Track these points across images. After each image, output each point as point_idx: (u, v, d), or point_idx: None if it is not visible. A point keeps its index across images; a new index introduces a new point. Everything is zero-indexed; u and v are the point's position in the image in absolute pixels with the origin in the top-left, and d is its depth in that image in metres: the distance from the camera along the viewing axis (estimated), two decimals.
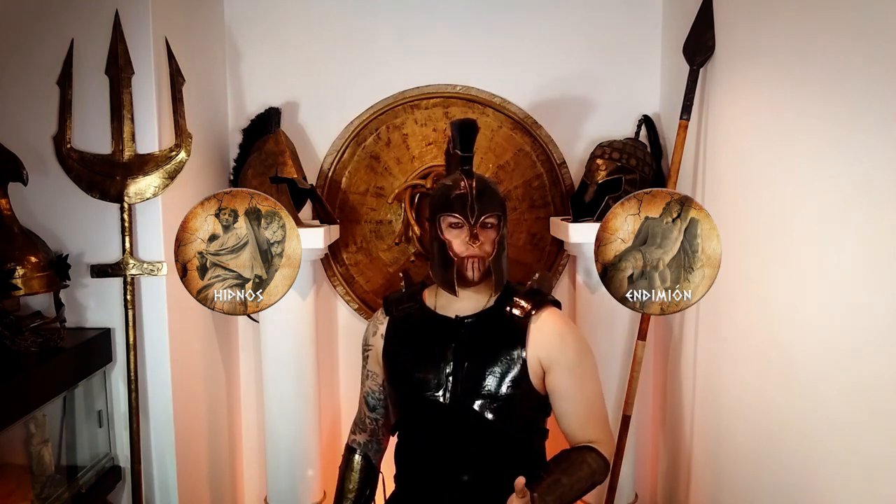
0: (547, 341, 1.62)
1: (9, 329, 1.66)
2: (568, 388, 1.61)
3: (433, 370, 1.62)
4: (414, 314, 1.72)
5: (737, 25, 1.84)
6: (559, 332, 1.63)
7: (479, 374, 1.59)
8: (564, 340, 1.62)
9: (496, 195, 1.65)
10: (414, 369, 1.65)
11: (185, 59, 1.98)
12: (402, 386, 1.67)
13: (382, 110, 2.37)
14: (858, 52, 1.31)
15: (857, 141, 1.32)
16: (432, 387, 1.61)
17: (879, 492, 1.27)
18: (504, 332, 1.63)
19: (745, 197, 1.78)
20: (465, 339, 1.64)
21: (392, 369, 1.70)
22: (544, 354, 1.61)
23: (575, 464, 1.53)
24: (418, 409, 1.65)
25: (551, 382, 1.62)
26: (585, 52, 2.37)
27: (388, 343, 1.73)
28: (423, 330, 1.69)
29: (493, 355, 1.61)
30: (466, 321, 1.65)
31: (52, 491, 1.71)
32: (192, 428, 2.10)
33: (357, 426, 1.87)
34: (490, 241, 1.60)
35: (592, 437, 1.61)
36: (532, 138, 2.38)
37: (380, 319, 1.79)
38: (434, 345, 1.65)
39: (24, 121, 1.82)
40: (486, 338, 1.63)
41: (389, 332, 1.74)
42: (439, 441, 1.62)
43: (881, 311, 1.26)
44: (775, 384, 1.63)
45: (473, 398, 1.59)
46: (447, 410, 1.60)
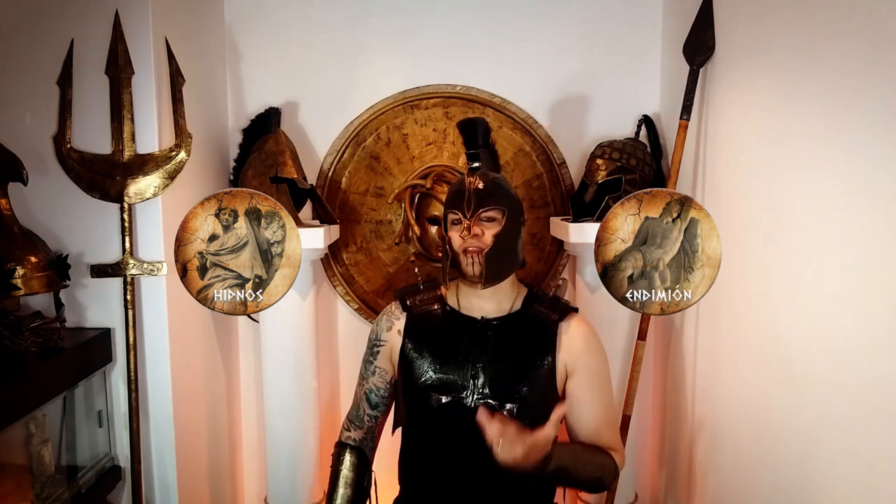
0: (575, 347, 1.62)
1: (9, 329, 1.66)
2: (588, 394, 1.62)
3: (457, 371, 1.59)
4: (434, 312, 1.69)
5: (737, 25, 1.84)
6: (586, 339, 1.64)
7: (510, 378, 1.58)
8: (591, 347, 1.64)
9: (503, 190, 1.61)
10: (436, 370, 1.61)
11: (185, 59, 1.98)
12: (421, 386, 1.62)
13: (382, 110, 2.37)
14: (858, 52, 1.31)
15: (856, 141, 1.32)
16: (456, 388, 1.58)
17: (879, 491, 1.27)
18: (533, 336, 1.62)
19: (745, 197, 1.78)
20: (492, 341, 1.61)
21: (410, 368, 1.64)
22: (570, 360, 1.62)
23: (591, 450, 1.56)
24: (437, 411, 1.59)
25: (572, 387, 1.62)
26: (585, 52, 2.37)
27: (407, 341, 1.67)
28: (445, 330, 1.65)
29: (523, 360, 1.60)
30: (493, 323, 1.63)
31: (52, 491, 1.71)
32: (192, 428, 2.10)
33: (352, 423, 1.81)
34: (491, 235, 1.57)
35: (606, 445, 1.61)
36: (532, 138, 2.39)
37: (396, 315, 1.73)
38: (458, 346, 1.62)
39: (24, 121, 1.82)
40: (515, 341, 1.62)
41: (409, 329, 1.68)
42: (458, 444, 1.57)
43: (881, 311, 1.26)
44: (775, 384, 1.63)
45: (506, 401, 1.56)
46: (472, 412, 1.53)
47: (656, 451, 2.47)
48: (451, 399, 1.58)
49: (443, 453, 1.61)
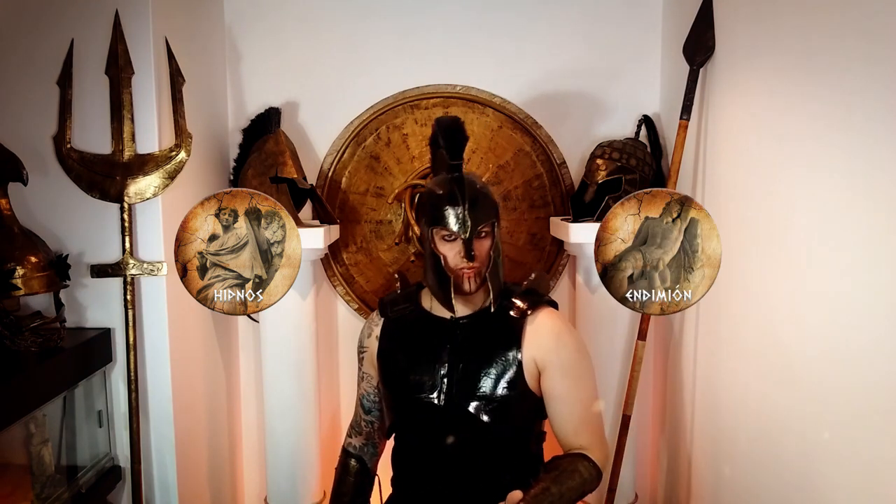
0: (543, 342, 1.59)
1: (9, 329, 1.66)
2: (562, 390, 1.57)
3: (428, 372, 1.61)
4: (408, 315, 1.71)
5: (737, 25, 1.84)
6: (555, 333, 1.60)
7: (475, 376, 1.58)
8: (560, 341, 1.60)
9: (488, 200, 1.61)
10: (408, 371, 1.63)
11: (185, 59, 1.98)
12: (397, 388, 1.66)
13: (382, 110, 2.37)
14: (858, 52, 1.31)
15: (857, 141, 1.32)
16: (427, 388, 1.60)
17: (879, 492, 1.27)
18: (500, 332, 1.61)
19: (745, 197, 1.78)
20: (460, 339, 1.63)
21: (386, 371, 1.69)
22: (539, 355, 1.59)
23: (565, 472, 1.46)
24: (413, 412, 1.63)
25: (546, 383, 1.59)
26: (585, 52, 2.37)
27: (382, 344, 1.71)
28: (417, 331, 1.68)
29: (489, 356, 1.60)
30: (462, 322, 1.65)
31: (52, 491, 1.71)
32: (192, 428, 2.10)
33: (353, 429, 1.87)
34: (485, 251, 1.58)
35: (585, 443, 1.55)
36: (532, 138, 2.38)
37: (374, 321, 1.77)
38: (429, 346, 1.64)
39: (24, 121, 1.82)
40: (482, 338, 1.62)
41: (384, 334, 1.72)
42: (434, 443, 1.60)
43: (881, 311, 1.26)
44: (775, 384, 1.63)
45: (468, 400, 1.57)
46: (441, 412, 1.59)
47: (656, 451, 2.47)
48: (422, 399, 1.60)
49: (421, 454, 1.64)
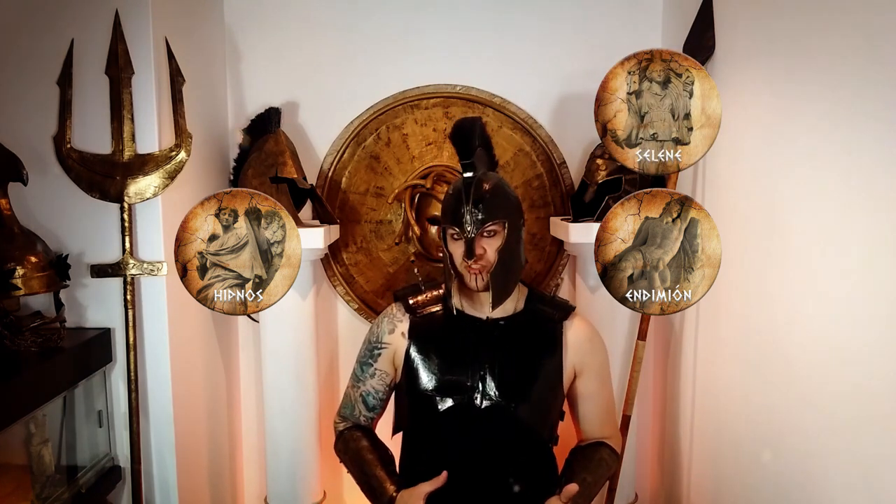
0: (581, 347, 1.66)
1: (9, 329, 1.66)
2: (594, 389, 1.68)
3: (465, 372, 1.57)
4: (438, 314, 1.66)
5: (737, 25, 1.84)
6: (591, 339, 1.68)
7: (518, 378, 1.58)
8: (595, 347, 1.68)
9: (503, 199, 1.57)
10: (444, 372, 1.59)
11: (185, 59, 1.98)
12: (428, 389, 1.59)
13: (382, 110, 2.37)
14: (858, 52, 1.31)
15: (857, 141, 1.32)
16: (465, 390, 1.56)
17: (879, 492, 1.27)
18: (538, 336, 1.63)
19: (746, 197, 1.78)
20: (498, 341, 1.61)
21: (416, 371, 1.61)
22: (578, 359, 1.66)
23: (594, 461, 1.63)
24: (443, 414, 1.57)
25: (580, 386, 1.68)
26: (586, 52, 2.37)
27: (412, 343, 1.64)
28: (450, 331, 1.63)
29: (531, 360, 1.61)
30: (500, 323, 1.62)
31: (52, 491, 1.71)
32: (192, 428, 2.10)
33: (345, 420, 1.76)
34: (493, 250, 1.54)
35: (607, 434, 1.71)
36: (532, 138, 2.38)
37: (398, 317, 1.69)
38: (464, 346, 1.60)
39: (24, 121, 1.82)
40: (521, 342, 1.62)
41: (413, 332, 1.65)
42: (464, 445, 1.56)
43: (881, 311, 1.26)
44: (775, 383, 1.63)
45: (514, 402, 1.56)
46: (481, 414, 1.55)
47: (656, 451, 2.47)
48: (459, 401, 1.56)
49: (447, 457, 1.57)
